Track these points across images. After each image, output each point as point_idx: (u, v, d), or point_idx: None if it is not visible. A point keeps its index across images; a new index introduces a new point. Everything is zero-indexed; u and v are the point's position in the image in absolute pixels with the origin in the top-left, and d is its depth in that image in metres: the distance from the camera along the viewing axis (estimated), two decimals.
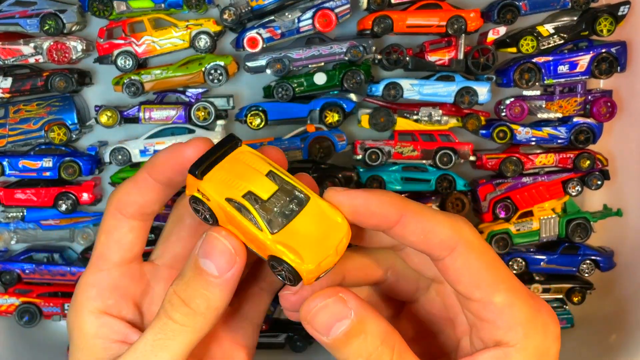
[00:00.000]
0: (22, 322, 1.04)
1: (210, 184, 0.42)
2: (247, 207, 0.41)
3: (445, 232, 0.42)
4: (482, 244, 0.43)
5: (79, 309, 0.48)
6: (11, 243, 1.06)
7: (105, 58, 1.00)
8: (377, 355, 0.41)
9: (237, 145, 0.44)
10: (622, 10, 0.98)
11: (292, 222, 0.41)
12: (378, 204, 0.42)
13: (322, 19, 0.98)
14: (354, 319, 0.41)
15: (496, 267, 0.42)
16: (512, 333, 0.42)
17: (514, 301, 0.42)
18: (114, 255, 0.48)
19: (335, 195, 0.42)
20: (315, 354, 1.05)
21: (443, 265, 0.42)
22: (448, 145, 1.04)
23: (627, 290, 1.03)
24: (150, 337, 0.43)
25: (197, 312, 0.43)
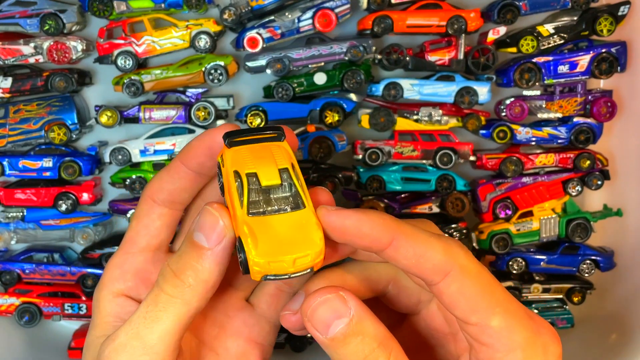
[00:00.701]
0: (22, 322, 1.04)
1: (231, 154, 0.43)
2: (243, 183, 0.41)
3: (438, 257, 0.41)
4: (477, 267, 0.42)
5: (101, 288, 0.50)
6: (11, 243, 1.06)
7: (105, 58, 1.00)
8: (372, 358, 0.40)
9: (278, 139, 0.44)
10: (622, 10, 0.98)
11: (273, 216, 0.41)
12: (370, 225, 0.41)
13: (322, 19, 0.98)
14: (352, 319, 0.40)
15: (492, 291, 0.42)
16: (511, 356, 0.41)
17: (511, 324, 0.41)
18: (141, 239, 0.50)
19: (327, 215, 0.42)
20: (316, 354, 1.05)
21: (437, 290, 0.42)
22: (448, 145, 1.04)
23: (627, 290, 1.03)
24: (143, 309, 0.44)
25: (185, 283, 0.43)
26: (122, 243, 0.51)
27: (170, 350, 0.44)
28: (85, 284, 1.05)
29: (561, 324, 1.05)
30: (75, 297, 1.05)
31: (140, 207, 0.50)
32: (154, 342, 0.43)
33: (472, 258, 0.42)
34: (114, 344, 0.44)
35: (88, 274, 1.05)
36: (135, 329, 0.44)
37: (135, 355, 0.43)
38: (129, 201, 1.04)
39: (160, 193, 0.49)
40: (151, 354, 0.43)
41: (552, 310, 1.05)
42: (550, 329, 0.44)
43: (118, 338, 0.44)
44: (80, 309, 1.05)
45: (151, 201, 0.49)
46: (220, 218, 0.43)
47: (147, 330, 0.43)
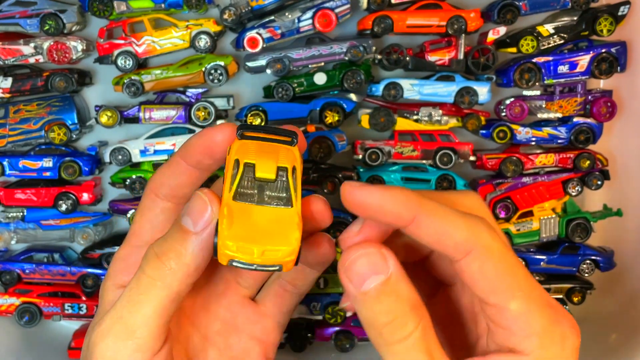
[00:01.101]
0: (22, 322, 1.04)
1: (239, 145, 0.43)
2: (238, 171, 0.42)
3: (461, 234, 0.40)
4: (501, 248, 0.41)
5: (106, 279, 0.51)
6: (11, 243, 1.06)
7: (105, 58, 1.00)
8: (402, 321, 0.40)
9: (290, 143, 0.44)
10: (622, 10, 0.99)
11: (256, 206, 0.41)
12: (392, 202, 0.41)
13: (322, 19, 0.98)
14: (390, 277, 0.40)
15: (514, 273, 0.41)
16: (527, 342, 0.41)
17: (531, 309, 0.41)
18: (145, 233, 0.50)
19: (351, 192, 0.42)
20: (316, 354, 1.05)
21: (459, 268, 0.41)
22: (448, 145, 1.04)
23: (627, 290, 1.03)
24: (127, 292, 0.44)
25: (167, 266, 0.43)
26: (127, 236, 0.51)
27: (154, 335, 0.44)
28: (85, 284, 1.05)
29: None
30: (75, 297, 1.05)
31: (143, 202, 0.50)
32: (137, 326, 0.43)
33: (497, 237, 0.42)
34: (100, 328, 0.44)
35: (88, 274, 1.05)
36: (120, 313, 0.44)
37: (119, 339, 0.43)
38: (129, 201, 1.04)
39: (162, 188, 0.49)
40: (134, 339, 0.43)
41: None
42: (571, 320, 0.43)
43: (104, 323, 0.44)
44: (80, 309, 1.05)
45: (154, 195, 0.49)
46: (209, 203, 0.43)
47: (130, 314, 0.43)
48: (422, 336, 0.40)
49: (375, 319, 0.40)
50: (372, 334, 0.41)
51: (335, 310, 1.03)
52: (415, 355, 0.40)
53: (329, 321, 1.03)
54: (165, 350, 0.45)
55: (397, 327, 0.40)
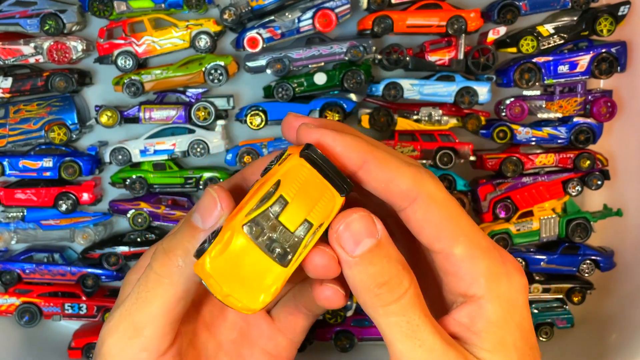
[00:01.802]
0: (22, 322, 1.04)
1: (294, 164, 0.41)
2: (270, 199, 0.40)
3: (406, 182, 0.41)
4: (444, 196, 0.43)
5: (130, 272, 0.50)
6: (11, 243, 1.06)
7: (105, 58, 1.00)
8: (397, 280, 0.41)
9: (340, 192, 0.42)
10: (622, 10, 0.98)
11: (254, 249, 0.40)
12: (343, 146, 0.42)
13: (322, 19, 0.98)
14: (381, 238, 0.41)
15: (457, 220, 0.42)
16: (475, 285, 0.42)
17: (474, 253, 0.42)
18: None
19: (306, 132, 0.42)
20: (316, 354, 1.05)
21: (405, 216, 0.42)
22: (448, 145, 1.04)
23: (627, 290, 1.03)
24: (135, 289, 0.44)
25: (174, 262, 0.43)
26: None
27: (161, 335, 0.43)
28: (85, 284, 1.05)
29: (561, 324, 1.05)
30: (75, 297, 1.05)
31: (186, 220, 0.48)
32: (144, 325, 0.43)
33: (441, 187, 0.43)
34: (109, 324, 0.44)
35: (88, 274, 1.05)
36: (128, 310, 0.43)
37: (126, 337, 0.43)
38: (129, 201, 1.04)
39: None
40: (141, 337, 0.43)
41: (552, 310, 1.05)
42: (515, 262, 0.44)
43: (113, 319, 0.44)
44: (80, 309, 1.05)
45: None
46: (219, 201, 0.42)
47: (137, 312, 0.43)
48: (416, 293, 0.41)
49: (369, 281, 0.41)
50: (366, 298, 0.41)
51: (336, 310, 1.03)
52: (414, 311, 0.40)
53: (329, 321, 1.03)
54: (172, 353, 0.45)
55: (393, 287, 0.40)
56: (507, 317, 0.42)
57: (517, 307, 0.43)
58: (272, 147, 1.02)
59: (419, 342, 0.40)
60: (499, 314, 0.42)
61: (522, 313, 0.43)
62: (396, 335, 0.41)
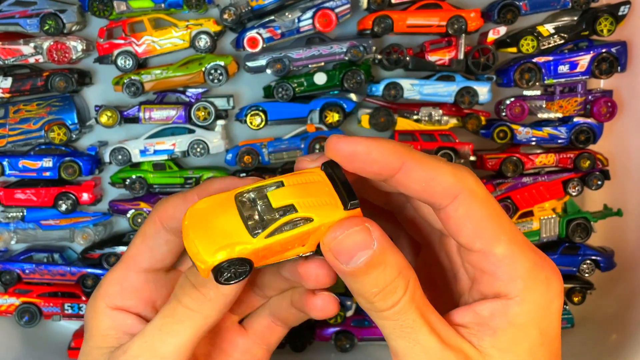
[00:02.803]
0: (22, 322, 1.03)
1: (311, 170, 0.43)
2: (271, 181, 0.42)
3: (448, 179, 0.41)
4: (486, 193, 0.42)
5: (99, 301, 0.49)
6: (11, 243, 1.06)
7: (105, 58, 1.00)
8: (393, 287, 0.40)
9: (344, 203, 0.41)
10: (622, 10, 0.98)
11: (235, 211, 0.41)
12: (379, 151, 0.41)
13: (322, 19, 0.98)
14: (376, 250, 0.40)
15: (499, 218, 0.42)
16: (512, 285, 0.41)
17: (515, 253, 0.41)
18: (144, 261, 0.49)
19: (337, 142, 0.41)
20: (316, 354, 1.05)
21: (445, 214, 0.42)
22: (448, 145, 1.04)
23: (627, 290, 1.03)
24: (159, 320, 0.44)
25: (206, 297, 0.43)
26: (124, 258, 0.50)
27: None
28: (85, 284, 1.05)
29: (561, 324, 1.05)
30: (75, 297, 1.05)
31: (146, 228, 0.49)
32: (168, 355, 0.43)
33: (481, 184, 0.42)
34: (125, 355, 0.44)
35: (88, 274, 1.05)
36: (150, 341, 0.43)
37: None
38: (129, 201, 1.04)
39: (172, 221, 0.47)
40: None
41: None
42: (554, 266, 0.43)
43: (130, 350, 0.44)
44: (80, 309, 1.05)
45: (160, 225, 0.48)
46: None
47: (161, 342, 0.43)
48: (411, 298, 0.41)
49: (365, 290, 0.40)
50: (363, 304, 0.41)
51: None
52: (407, 316, 0.40)
53: (329, 321, 1.03)
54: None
55: (387, 295, 0.40)
56: (532, 322, 0.41)
57: (548, 314, 0.42)
58: (272, 147, 1.02)
59: (414, 342, 0.40)
60: (522, 317, 0.41)
61: (551, 320, 0.43)
62: (391, 335, 0.41)
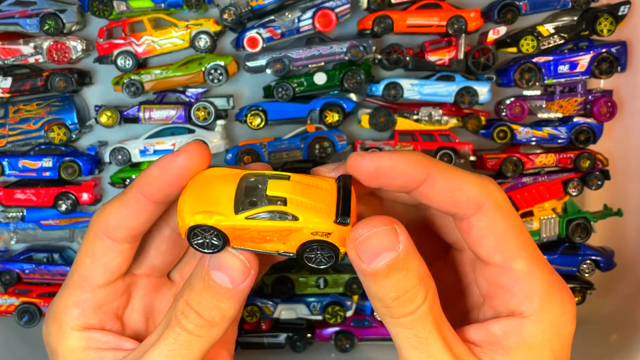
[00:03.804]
0: (22, 322, 1.03)
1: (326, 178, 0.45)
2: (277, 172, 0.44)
3: (473, 190, 0.40)
4: (509, 206, 0.41)
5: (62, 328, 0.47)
6: (11, 243, 1.06)
7: (105, 58, 1.00)
8: (412, 294, 0.40)
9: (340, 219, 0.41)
10: (622, 10, 0.98)
11: (232, 188, 0.42)
12: (405, 163, 0.41)
13: (322, 19, 0.98)
14: (401, 253, 0.39)
15: (521, 233, 0.41)
16: (528, 303, 0.40)
17: (534, 270, 0.40)
18: (99, 278, 0.47)
19: (360, 160, 0.41)
20: (316, 354, 1.05)
21: (467, 225, 0.41)
22: (448, 145, 1.04)
23: (627, 290, 1.03)
24: (165, 347, 0.43)
25: (212, 323, 0.43)
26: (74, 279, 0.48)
27: None
28: None
29: None
30: None
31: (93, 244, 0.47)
32: None
33: (506, 197, 0.42)
34: None
35: None
36: None
37: None
38: None
39: (120, 231, 0.45)
40: None
41: None
42: (568, 289, 0.43)
43: None
44: None
45: (107, 239, 0.46)
46: (243, 258, 0.42)
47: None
48: (430, 308, 0.40)
49: (384, 294, 0.40)
50: (379, 308, 0.41)
51: (336, 310, 1.03)
52: (423, 327, 0.40)
53: (329, 321, 1.03)
54: None
55: (406, 301, 0.39)
56: (546, 343, 0.41)
57: (562, 336, 0.41)
58: (271, 147, 1.02)
59: (426, 355, 0.39)
60: (537, 338, 0.40)
61: (563, 343, 0.42)
62: (404, 344, 0.40)
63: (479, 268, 0.42)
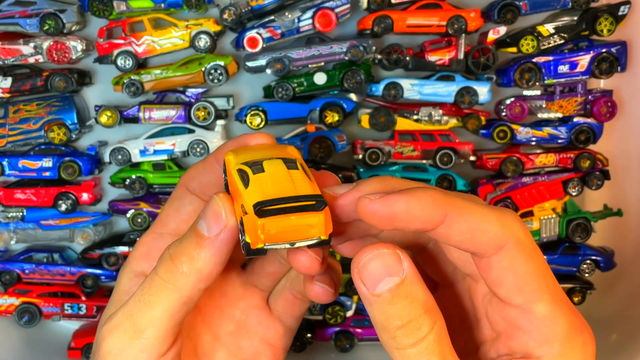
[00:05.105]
0: (22, 322, 1.03)
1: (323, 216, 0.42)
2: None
3: (494, 229, 0.38)
4: (532, 245, 0.39)
5: (125, 265, 0.52)
6: (11, 243, 1.06)
7: (105, 58, 1.00)
8: (416, 324, 0.38)
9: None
10: (622, 10, 0.98)
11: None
12: (420, 207, 0.38)
13: (322, 19, 0.98)
14: (405, 279, 0.38)
15: (544, 274, 0.39)
16: (547, 348, 0.38)
17: (556, 314, 0.39)
18: (171, 222, 0.51)
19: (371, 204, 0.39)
20: (316, 354, 1.05)
21: (487, 264, 0.39)
22: (448, 145, 1.04)
23: (627, 290, 1.03)
24: (139, 291, 0.44)
25: (179, 269, 0.43)
26: (153, 224, 0.52)
27: (162, 337, 0.43)
28: (85, 284, 1.05)
29: None
30: (75, 297, 1.05)
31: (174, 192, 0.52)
32: (145, 327, 0.43)
33: (529, 233, 0.39)
34: (110, 323, 0.44)
35: (88, 274, 1.04)
36: (130, 311, 0.44)
37: (126, 337, 0.43)
38: (128, 201, 1.03)
39: (193, 182, 0.50)
40: (141, 339, 0.43)
41: None
42: (590, 331, 0.41)
43: (115, 318, 0.44)
44: (80, 309, 1.05)
45: (184, 188, 0.51)
46: (223, 208, 0.42)
47: (140, 313, 0.43)
48: (436, 340, 0.38)
49: (388, 321, 0.38)
50: (384, 337, 0.39)
51: (336, 310, 1.03)
52: (428, 358, 0.38)
53: (329, 321, 1.03)
54: (172, 353, 0.45)
55: (410, 331, 0.38)
56: None
57: None
58: None
59: None
60: None
61: None
62: None
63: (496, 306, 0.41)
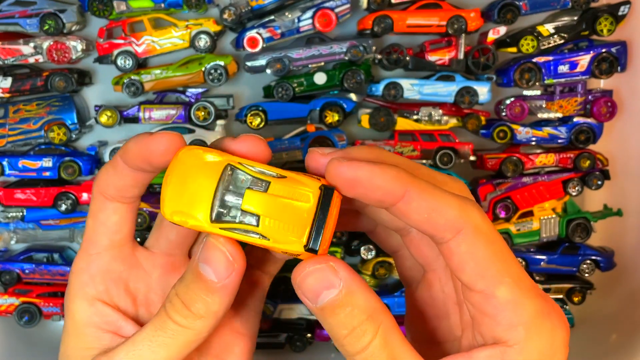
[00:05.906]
0: (22, 322, 1.03)
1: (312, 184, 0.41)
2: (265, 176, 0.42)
3: (452, 212, 0.38)
4: (491, 230, 0.40)
5: (72, 295, 0.48)
6: (11, 243, 1.06)
7: (105, 58, 1.00)
8: (360, 331, 0.39)
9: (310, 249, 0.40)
10: (622, 10, 0.98)
11: (213, 186, 0.41)
12: (382, 177, 0.39)
13: (322, 19, 0.98)
14: (342, 290, 0.39)
15: (504, 258, 0.39)
16: (512, 332, 0.39)
17: (518, 297, 0.39)
18: (102, 238, 0.48)
19: (338, 166, 0.39)
20: (316, 354, 1.05)
21: (447, 249, 0.39)
22: (448, 145, 1.04)
23: (627, 290, 1.03)
24: (150, 332, 0.44)
25: (197, 315, 0.43)
26: (83, 245, 0.49)
27: None
28: None
29: None
30: None
31: (92, 205, 0.48)
32: None
33: (488, 220, 0.40)
34: None
35: None
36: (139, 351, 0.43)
37: None
38: None
39: (108, 188, 0.47)
40: None
41: None
42: (561, 313, 0.41)
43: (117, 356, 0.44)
44: None
45: (102, 197, 0.47)
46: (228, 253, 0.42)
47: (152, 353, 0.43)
48: (382, 344, 0.39)
49: (334, 331, 0.40)
50: (337, 346, 0.41)
51: None
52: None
53: None
54: None
55: (355, 339, 0.39)
56: None
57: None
58: (271, 147, 1.02)
59: None
60: None
61: None
62: None
63: (465, 293, 0.41)
